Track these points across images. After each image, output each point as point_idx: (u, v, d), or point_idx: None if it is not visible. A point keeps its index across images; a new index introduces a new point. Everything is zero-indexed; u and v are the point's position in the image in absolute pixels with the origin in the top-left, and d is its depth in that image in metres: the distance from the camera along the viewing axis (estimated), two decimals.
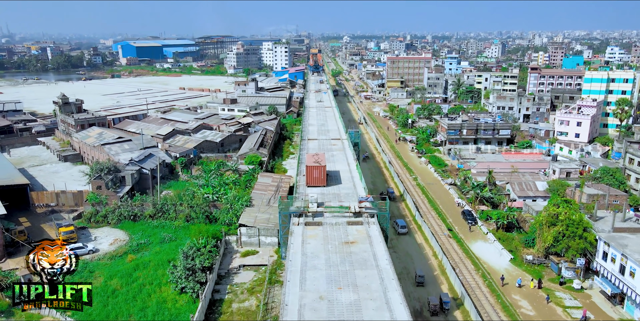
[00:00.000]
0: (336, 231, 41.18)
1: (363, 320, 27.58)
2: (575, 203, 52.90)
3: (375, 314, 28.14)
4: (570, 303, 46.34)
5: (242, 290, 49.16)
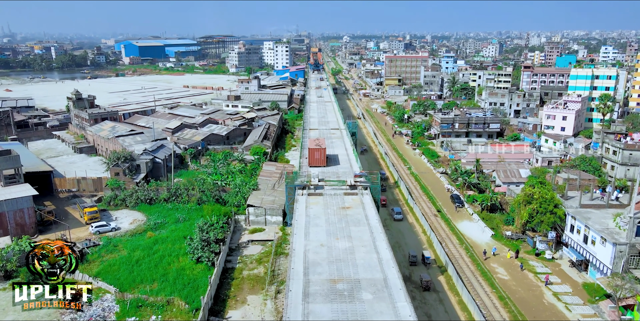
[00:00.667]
0: (334, 200, 47.49)
1: (355, 258, 33.90)
2: (550, 184, 59.06)
3: (366, 255, 34.51)
4: (541, 269, 52.49)
5: (251, 260, 55.26)
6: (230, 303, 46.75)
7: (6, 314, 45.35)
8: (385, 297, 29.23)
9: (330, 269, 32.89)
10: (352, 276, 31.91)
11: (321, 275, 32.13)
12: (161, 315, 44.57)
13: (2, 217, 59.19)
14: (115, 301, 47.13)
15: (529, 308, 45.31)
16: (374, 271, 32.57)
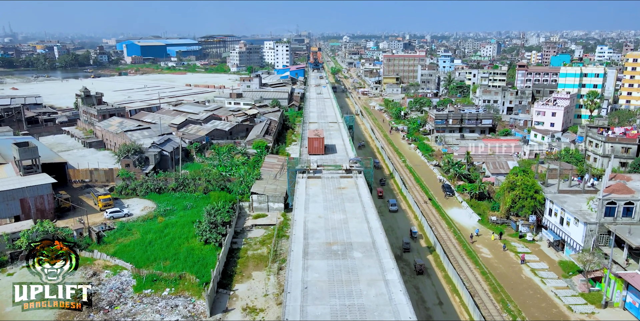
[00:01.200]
0: (331, 182, 52.17)
1: (349, 227, 38.56)
2: (532, 172, 63.66)
3: (357, 225, 39.26)
4: (521, 249, 57.11)
5: (255, 242, 59.84)
6: (237, 278, 51.32)
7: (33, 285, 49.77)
8: (373, 255, 34.01)
9: (326, 235, 37.66)
10: (345, 240, 36.63)
11: (319, 239, 36.89)
12: (174, 288, 49.13)
13: (24, 202, 63.82)
14: (131, 276, 51.73)
15: (508, 282, 49.90)
16: (364, 236, 37.29)
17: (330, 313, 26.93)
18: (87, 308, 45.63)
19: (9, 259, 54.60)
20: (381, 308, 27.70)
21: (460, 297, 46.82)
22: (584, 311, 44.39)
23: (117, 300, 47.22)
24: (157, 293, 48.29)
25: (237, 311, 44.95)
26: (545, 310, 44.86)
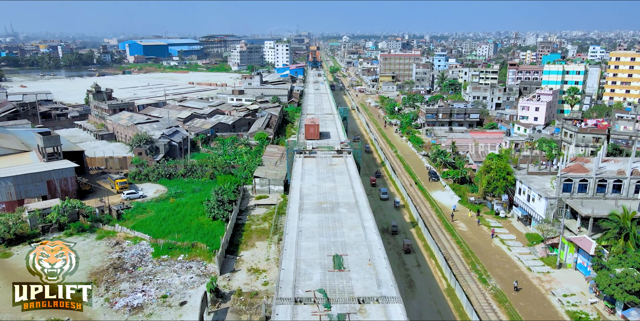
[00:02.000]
0: (324, 160, 59.59)
1: (337, 192, 45.95)
2: (505, 157, 70.91)
3: (344, 190, 46.85)
4: (494, 224, 64.38)
5: (258, 218, 67.09)
6: (242, 246, 58.56)
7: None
8: (355, 210, 41.39)
9: (318, 197, 44.97)
10: (334, 201, 43.96)
11: (312, 200, 44.29)
12: (187, 254, 56.35)
13: (51, 184, 71.09)
14: (150, 245, 58.96)
15: (479, 249, 57.16)
16: (349, 198, 44.58)
17: (318, 246, 34.23)
18: (115, 270, 53.03)
19: (41, 232, 61.73)
20: (358, 243, 35.21)
21: (436, 260, 54.08)
22: (541, 271, 51.65)
23: (138, 262, 54.46)
24: (173, 258, 55.50)
25: (243, 271, 52.18)
26: (508, 270, 52.12)
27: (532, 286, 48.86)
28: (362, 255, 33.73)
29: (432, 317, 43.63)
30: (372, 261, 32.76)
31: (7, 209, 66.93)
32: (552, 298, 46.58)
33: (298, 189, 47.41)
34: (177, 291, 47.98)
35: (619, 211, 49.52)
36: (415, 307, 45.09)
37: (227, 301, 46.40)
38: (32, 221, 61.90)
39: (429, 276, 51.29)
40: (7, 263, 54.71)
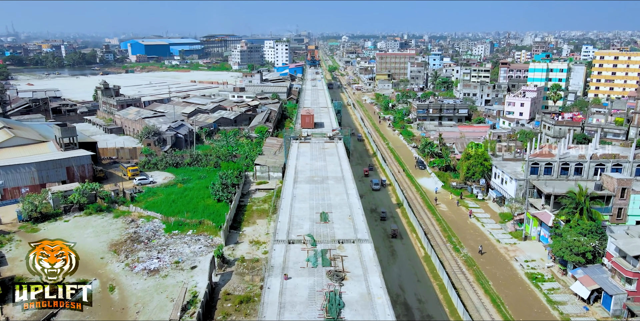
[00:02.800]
0: (317, 144, 66.73)
1: (327, 169, 52.92)
2: (484, 145, 77.75)
3: (333, 168, 54.04)
4: (472, 205, 71.26)
5: (259, 200, 73.91)
6: (244, 223, 65.38)
7: (86, 229, 63.86)
8: (341, 182, 48.73)
9: (310, 173, 51.96)
10: (323, 175, 50.96)
11: (305, 174, 51.46)
12: (195, 230, 63.14)
13: (70, 170, 77.92)
14: (162, 222, 65.77)
15: (455, 225, 64.01)
16: (337, 173, 51.63)
17: (309, 207, 41.23)
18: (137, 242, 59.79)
19: (63, 211, 68.51)
20: (341, 205, 42.99)
21: (417, 234, 60.93)
22: (508, 242, 58.53)
23: (152, 236, 61.28)
24: (183, 233, 62.29)
25: (245, 243, 59.02)
26: (479, 241, 58.95)
27: (499, 254, 55.74)
28: (344, 213, 40.65)
29: (409, 278, 50.45)
30: (352, 216, 39.67)
31: (31, 192, 73.67)
32: (515, 263, 53.45)
33: (293, 166, 54.59)
34: (188, 258, 54.82)
35: (576, 189, 56.31)
36: (395, 271, 51.93)
37: (231, 266, 53.23)
38: (54, 202, 68.67)
39: (409, 247, 58.12)
40: (35, 237, 61.45)
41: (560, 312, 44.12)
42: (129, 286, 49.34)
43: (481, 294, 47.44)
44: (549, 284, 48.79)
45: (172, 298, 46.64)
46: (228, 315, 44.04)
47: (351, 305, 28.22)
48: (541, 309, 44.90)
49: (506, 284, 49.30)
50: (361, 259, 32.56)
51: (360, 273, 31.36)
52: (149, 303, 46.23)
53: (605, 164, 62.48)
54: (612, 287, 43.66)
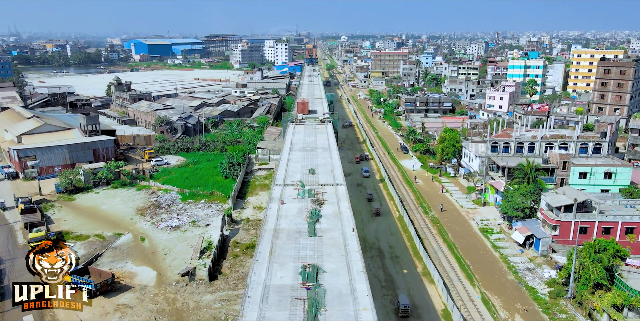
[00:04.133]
0: (310, 126, 78.52)
1: (317, 142, 64.66)
2: (456, 130, 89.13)
3: (322, 141, 66.31)
4: (444, 180, 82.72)
5: (261, 178, 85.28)
6: (249, 195, 76.74)
7: (114, 198, 75.21)
8: (327, 150, 61.06)
9: (303, 145, 63.90)
10: (313, 146, 62.90)
11: (299, 146, 63.81)
12: (207, 199, 74.48)
13: (96, 152, 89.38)
14: (178, 194, 77.13)
15: (428, 195, 75.42)
16: (324, 145, 63.69)
17: (300, 166, 52.98)
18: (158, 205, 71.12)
19: (93, 185, 79.78)
20: (325, 164, 56.08)
21: (394, 201, 72.37)
22: (470, 207, 69.98)
23: (171, 204, 72.66)
24: (197, 201, 73.61)
25: (250, 208, 70.44)
26: (445, 206, 70.33)
27: (460, 216, 67.22)
28: (327, 169, 52.38)
29: (384, 232, 61.86)
30: (333, 171, 51.32)
31: (63, 170, 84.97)
32: (472, 222, 64.92)
33: (289, 140, 66.43)
34: (202, 219, 66.25)
35: (525, 163, 67.66)
36: (373, 227, 63.36)
37: (239, 224, 64.67)
38: (85, 178, 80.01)
39: (387, 211, 69.52)
40: (72, 204, 72.93)
41: (501, 254, 55.55)
42: (156, 237, 60.79)
43: (440, 242, 58.90)
44: (496, 235, 60.27)
45: (191, 245, 58.05)
46: (237, 256, 55.46)
47: (326, 216, 40.82)
48: (486, 251, 56.35)
49: (462, 235, 60.77)
50: (336, 195, 44.78)
51: (335, 201, 43.91)
52: (174, 248, 57.67)
53: (554, 143, 73.90)
54: (541, 233, 55.10)
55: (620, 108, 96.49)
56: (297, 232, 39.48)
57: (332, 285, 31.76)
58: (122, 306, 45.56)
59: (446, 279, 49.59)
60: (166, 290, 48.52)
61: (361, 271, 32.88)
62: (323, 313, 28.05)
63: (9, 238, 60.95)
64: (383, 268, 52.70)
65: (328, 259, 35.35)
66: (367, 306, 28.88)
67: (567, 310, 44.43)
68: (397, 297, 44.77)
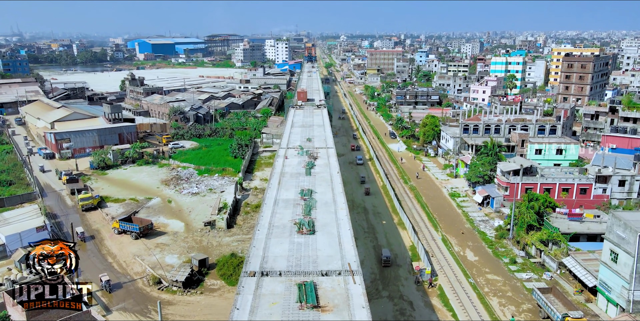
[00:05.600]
0: (308, 110, 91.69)
1: (313, 122, 77.66)
2: (437, 117, 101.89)
3: (318, 121, 78.63)
4: (425, 159, 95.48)
5: (266, 158, 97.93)
6: (255, 170, 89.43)
7: (140, 173, 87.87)
8: (322, 127, 73.86)
9: (302, 123, 76.91)
10: (310, 124, 75.77)
11: (298, 124, 76.92)
12: (220, 173, 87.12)
13: (121, 135, 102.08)
14: (194, 169, 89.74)
15: (409, 170, 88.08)
16: (320, 123, 76.63)
17: (300, 136, 65.99)
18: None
19: (120, 163, 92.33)
20: (320, 135, 69.81)
21: (379, 175, 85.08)
22: (444, 179, 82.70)
23: (190, 177, 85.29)
24: (211, 175, 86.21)
25: (257, 180, 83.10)
26: (423, 178, 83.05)
27: (434, 185, 79.95)
28: (321, 138, 65.95)
29: (370, 198, 74.53)
30: (325, 139, 64.48)
31: (93, 150, 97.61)
32: (443, 189, 77.64)
33: (291, 120, 79.75)
34: (218, 187, 78.92)
35: (490, 141, 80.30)
36: (360, 191, 76.08)
37: (248, 192, 77.36)
38: (114, 157, 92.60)
39: (373, 181, 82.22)
40: (105, 177, 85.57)
41: (463, 211, 68.26)
42: (180, 200, 73.49)
43: (415, 203, 71.67)
44: (462, 198, 73.00)
45: (210, 205, 70.73)
46: (248, 213, 68.14)
47: (319, 165, 55.91)
48: (452, 209, 69.09)
49: (433, 198, 73.52)
50: (327, 154, 58.94)
51: (326, 157, 58.51)
52: (196, 208, 70.33)
53: (516, 125, 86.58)
54: (496, 193, 67.81)
55: (581, 98, 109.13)
56: (298, 174, 53.95)
57: (321, 198, 46.24)
58: (160, 245, 58.29)
59: (416, 227, 62.31)
60: (193, 234, 61.24)
61: (341, 192, 46.89)
62: (314, 211, 41.60)
63: (60, 201, 73.63)
64: (367, 220, 65.44)
65: (319, 187, 50.00)
66: (343, 207, 42.68)
67: (507, 246, 57.15)
68: (381, 250, 55.78)
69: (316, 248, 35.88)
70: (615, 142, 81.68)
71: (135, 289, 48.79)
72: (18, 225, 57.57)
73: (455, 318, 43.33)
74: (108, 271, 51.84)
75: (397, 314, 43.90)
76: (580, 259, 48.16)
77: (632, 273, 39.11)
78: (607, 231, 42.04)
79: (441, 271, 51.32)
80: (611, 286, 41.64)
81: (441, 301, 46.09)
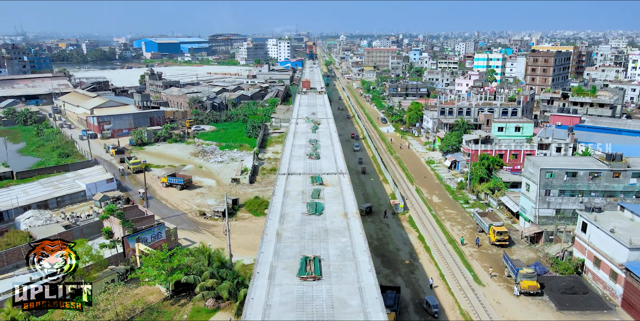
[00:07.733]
0: (312, 95, 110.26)
1: (317, 109, 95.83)
2: (420, 103, 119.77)
3: (322, 109, 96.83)
4: (410, 138, 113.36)
5: (275, 137, 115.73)
6: (267, 146, 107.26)
7: (172, 148, 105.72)
8: (323, 106, 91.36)
9: (307, 104, 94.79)
10: (314, 104, 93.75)
11: (304, 104, 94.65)
12: (238, 148, 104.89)
13: (152, 119, 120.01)
14: (216, 146, 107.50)
15: (396, 147, 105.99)
16: (324, 111, 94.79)
17: (306, 112, 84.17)
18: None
19: (153, 141, 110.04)
20: (322, 111, 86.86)
21: (370, 149, 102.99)
22: (423, 151, 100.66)
23: (214, 151, 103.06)
24: (231, 150, 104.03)
25: (269, 153, 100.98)
26: (405, 152, 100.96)
27: (415, 156, 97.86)
28: (323, 113, 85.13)
29: (363, 164, 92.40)
30: (326, 113, 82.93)
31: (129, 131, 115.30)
32: (422, 159, 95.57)
33: (298, 102, 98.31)
34: (238, 157, 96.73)
35: (460, 120, 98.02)
36: (354, 160, 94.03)
37: (263, 160, 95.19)
38: (148, 135, 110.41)
39: (365, 154, 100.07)
40: (143, 151, 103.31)
41: (435, 172, 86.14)
42: (209, 166, 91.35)
43: (397, 167, 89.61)
44: (435, 164, 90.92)
45: (234, 169, 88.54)
46: (264, 174, 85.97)
47: (321, 128, 75.16)
48: (426, 171, 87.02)
49: (413, 164, 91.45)
50: (328, 122, 77.85)
51: (327, 124, 77.08)
52: (222, 171, 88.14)
53: (484, 108, 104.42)
54: (461, 158, 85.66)
55: (545, 88, 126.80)
56: (306, 132, 75.45)
57: (323, 143, 68.81)
58: (200, 193, 76.13)
59: (396, 182, 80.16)
60: (224, 187, 79.09)
61: (337, 141, 67.16)
62: (319, 150, 61.38)
63: (111, 167, 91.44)
64: (358, 178, 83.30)
65: (322, 138, 71.45)
66: (338, 147, 62.88)
67: (464, 193, 75.00)
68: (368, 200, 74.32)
69: (321, 165, 56.99)
70: (561, 121, 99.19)
71: (187, 218, 66.64)
72: (92, 178, 75.47)
73: (418, 233, 61.18)
74: (164, 209, 69.71)
75: (377, 231, 61.78)
76: (512, 196, 66.04)
77: (537, 196, 56.96)
78: (523, 170, 59.87)
79: (412, 208, 69.25)
80: (526, 208, 59.51)
81: (410, 224, 63.96)
